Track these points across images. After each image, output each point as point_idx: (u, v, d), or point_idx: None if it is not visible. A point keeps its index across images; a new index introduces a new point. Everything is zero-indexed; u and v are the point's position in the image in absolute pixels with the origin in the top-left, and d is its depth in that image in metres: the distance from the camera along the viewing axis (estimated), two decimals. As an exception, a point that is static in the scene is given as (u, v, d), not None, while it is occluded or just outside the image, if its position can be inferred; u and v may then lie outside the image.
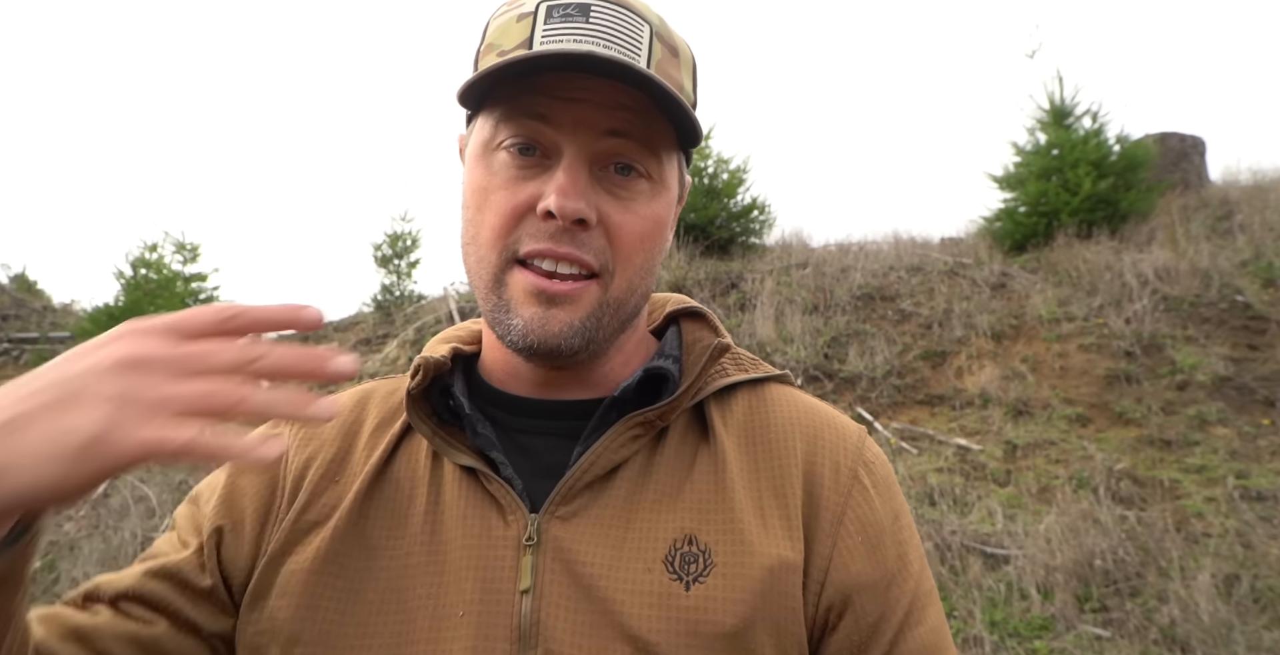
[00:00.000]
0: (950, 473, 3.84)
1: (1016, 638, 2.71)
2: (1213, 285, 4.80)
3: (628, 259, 0.53)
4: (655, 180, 0.53)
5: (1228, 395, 4.00)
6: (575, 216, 0.49)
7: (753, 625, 0.48)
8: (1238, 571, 2.83)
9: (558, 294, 0.51)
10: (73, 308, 8.50)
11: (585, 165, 0.51)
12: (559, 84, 0.50)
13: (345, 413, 0.61)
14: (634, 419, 0.54)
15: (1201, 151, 7.11)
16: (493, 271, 0.52)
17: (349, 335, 7.45)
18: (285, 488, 0.56)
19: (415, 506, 0.54)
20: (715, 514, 0.52)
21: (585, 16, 0.50)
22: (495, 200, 0.52)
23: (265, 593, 0.52)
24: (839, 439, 0.56)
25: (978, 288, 5.47)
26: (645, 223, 0.53)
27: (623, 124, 0.50)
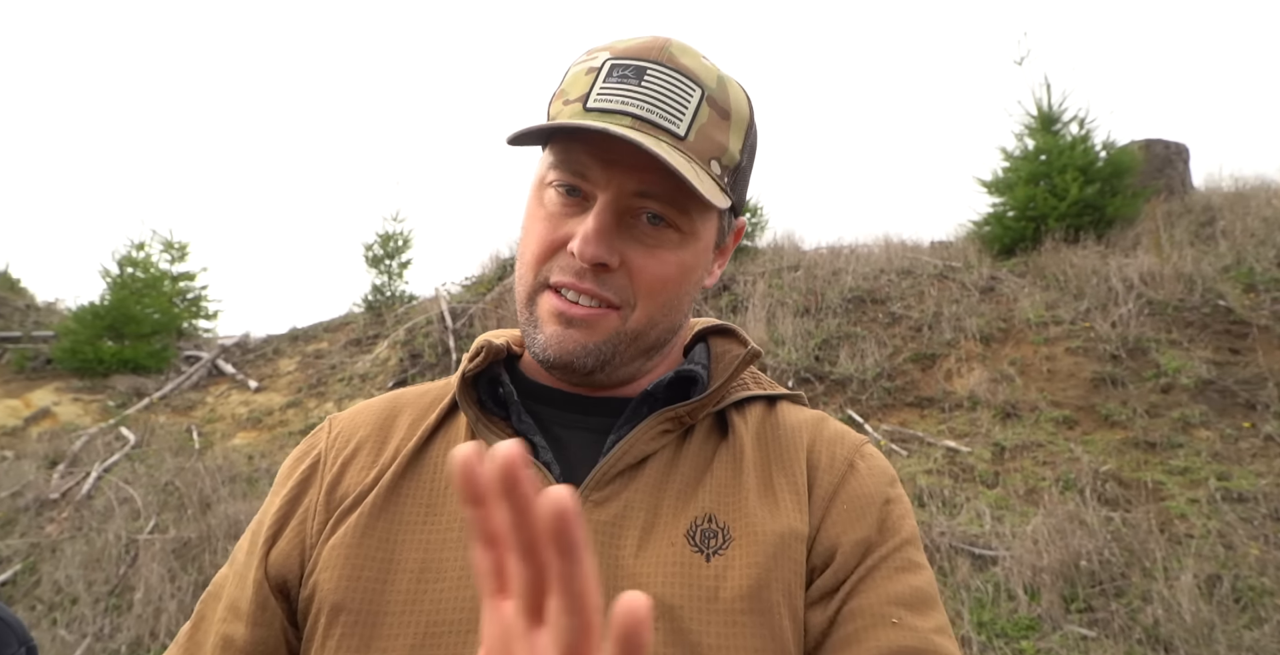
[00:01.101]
0: (939, 474, 3.87)
1: (1004, 638, 2.74)
2: (1196, 290, 4.87)
3: (650, 297, 0.57)
4: (685, 232, 0.57)
5: (1210, 398, 4.06)
6: (594, 261, 0.54)
7: (768, 585, 0.53)
8: (1219, 572, 2.88)
9: (576, 317, 0.56)
10: (57, 306, 8.40)
11: (614, 215, 0.55)
12: (602, 143, 0.54)
13: (378, 411, 0.65)
14: (665, 414, 0.59)
15: (1185, 158, 7.21)
16: (528, 291, 0.59)
17: (339, 336, 7.41)
18: (325, 482, 0.60)
19: (452, 487, 0.57)
20: (732, 497, 0.57)
21: (639, 80, 0.55)
22: (537, 231, 0.58)
23: (312, 572, 0.56)
24: (839, 437, 0.62)
25: (967, 291, 5.52)
26: (668, 267, 0.57)
27: (651, 186, 0.55)
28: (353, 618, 0.53)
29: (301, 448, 0.65)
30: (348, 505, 0.58)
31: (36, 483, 4.82)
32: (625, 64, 0.56)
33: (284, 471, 0.63)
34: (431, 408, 0.64)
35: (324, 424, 0.66)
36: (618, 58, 0.56)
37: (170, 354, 7.14)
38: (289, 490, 0.61)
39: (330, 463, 0.61)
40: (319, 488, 0.60)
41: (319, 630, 0.54)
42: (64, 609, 3.58)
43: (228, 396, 6.49)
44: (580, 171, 0.55)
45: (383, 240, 8.39)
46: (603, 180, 0.55)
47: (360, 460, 0.61)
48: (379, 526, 0.56)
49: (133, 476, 4.88)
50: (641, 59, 0.56)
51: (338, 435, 0.63)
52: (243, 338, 7.78)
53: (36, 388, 6.43)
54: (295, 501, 0.60)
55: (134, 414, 6.05)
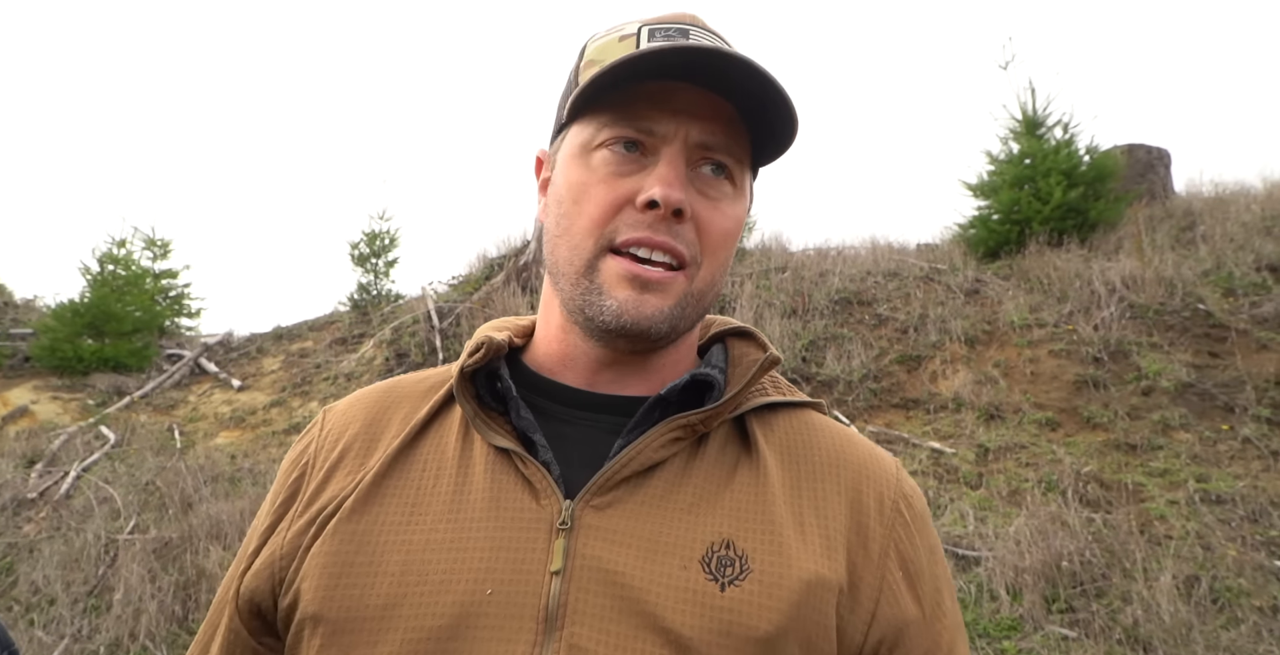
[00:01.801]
0: (924, 475, 3.90)
1: (986, 638, 2.77)
2: (1176, 294, 4.94)
3: (713, 253, 0.56)
4: (738, 186, 0.58)
5: (1190, 401, 4.12)
6: (677, 206, 0.53)
7: (786, 635, 0.49)
8: (1198, 572, 2.92)
9: (651, 280, 0.54)
10: (35, 304, 8.27)
11: (684, 163, 0.55)
12: (660, 94, 0.54)
13: (373, 402, 0.62)
14: (677, 421, 0.55)
15: (1167, 163, 7.31)
16: (586, 258, 0.55)
17: (324, 335, 7.35)
18: (307, 494, 0.58)
19: (440, 485, 0.55)
20: (754, 523, 0.53)
21: (685, 37, 0.55)
22: (595, 193, 0.55)
23: (292, 582, 0.54)
24: (881, 471, 0.58)
25: (952, 293, 5.56)
26: (730, 221, 0.57)
27: (715, 136, 0.55)
28: (330, 628, 0.50)
29: (295, 450, 0.63)
30: (329, 512, 0.56)
31: (14, 482, 4.75)
32: (665, 26, 0.56)
33: (278, 479, 0.62)
34: (426, 398, 0.62)
35: (317, 419, 0.64)
36: (653, 24, 0.56)
37: (152, 352, 7.05)
38: (278, 506, 0.59)
39: (318, 467, 0.59)
40: (303, 498, 0.58)
41: (301, 642, 0.52)
42: (41, 610, 3.52)
43: (210, 395, 6.42)
44: (644, 125, 0.54)
45: (369, 239, 8.33)
46: (669, 129, 0.54)
47: (346, 465, 0.58)
48: (359, 529, 0.54)
49: (113, 476, 4.81)
50: (678, 21, 0.56)
51: (328, 434, 0.61)
52: (226, 336, 7.69)
53: (14, 386, 6.33)
54: (279, 516, 0.59)
55: (114, 413, 5.97)
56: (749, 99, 0.54)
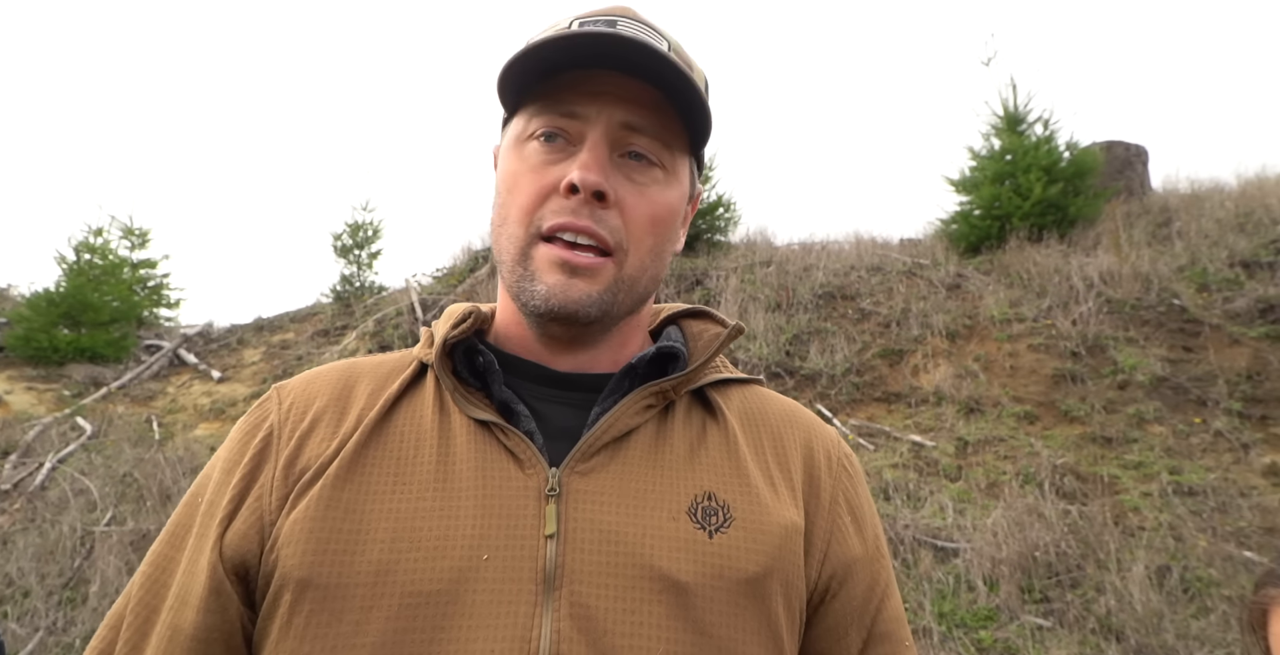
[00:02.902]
0: (905, 468, 3.95)
1: (963, 628, 2.81)
2: (1152, 289, 5.02)
3: (639, 239, 0.57)
4: (669, 171, 0.58)
5: (1164, 395, 4.19)
6: (595, 188, 0.54)
7: (770, 574, 0.54)
8: (1169, 563, 2.98)
9: (579, 265, 0.55)
10: (9, 293, 8.10)
11: (606, 148, 0.56)
12: (584, 80, 0.55)
13: (335, 379, 0.62)
14: (649, 388, 0.58)
15: (1144, 160, 7.41)
16: (520, 246, 0.57)
17: (306, 326, 7.27)
18: (280, 457, 0.56)
19: (421, 456, 0.55)
20: (731, 477, 0.57)
21: (612, 27, 0.56)
22: (524, 182, 0.57)
23: (272, 548, 0.53)
24: (827, 435, 0.65)
25: (934, 288, 5.61)
26: (657, 207, 0.58)
27: (639, 118, 0.56)
28: (321, 593, 0.49)
29: (250, 420, 0.60)
30: (309, 478, 0.54)
31: (-13, 474, 4.66)
32: (594, 18, 0.56)
33: (234, 446, 0.59)
34: (391, 377, 0.61)
35: (270, 394, 0.62)
36: (584, 17, 0.57)
37: (130, 343, 6.94)
38: (244, 466, 0.56)
39: (286, 436, 0.57)
40: (274, 463, 0.56)
41: (282, 607, 0.50)
42: (15, 602, 3.47)
43: (190, 387, 6.34)
44: (567, 110, 0.55)
45: (352, 230, 8.24)
46: (591, 112, 0.55)
47: (320, 432, 0.57)
48: (344, 497, 0.53)
49: (89, 467, 4.74)
50: (605, 14, 0.57)
51: (290, 406, 0.59)
52: (206, 327, 7.59)
53: (-13, 376, 6.21)
54: (250, 478, 0.56)
55: (91, 404, 5.88)
56: (671, 84, 0.55)
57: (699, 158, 0.63)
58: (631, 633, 0.49)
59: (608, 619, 0.49)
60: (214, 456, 0.60)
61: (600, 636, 0.49)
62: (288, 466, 0.56)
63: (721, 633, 0.51)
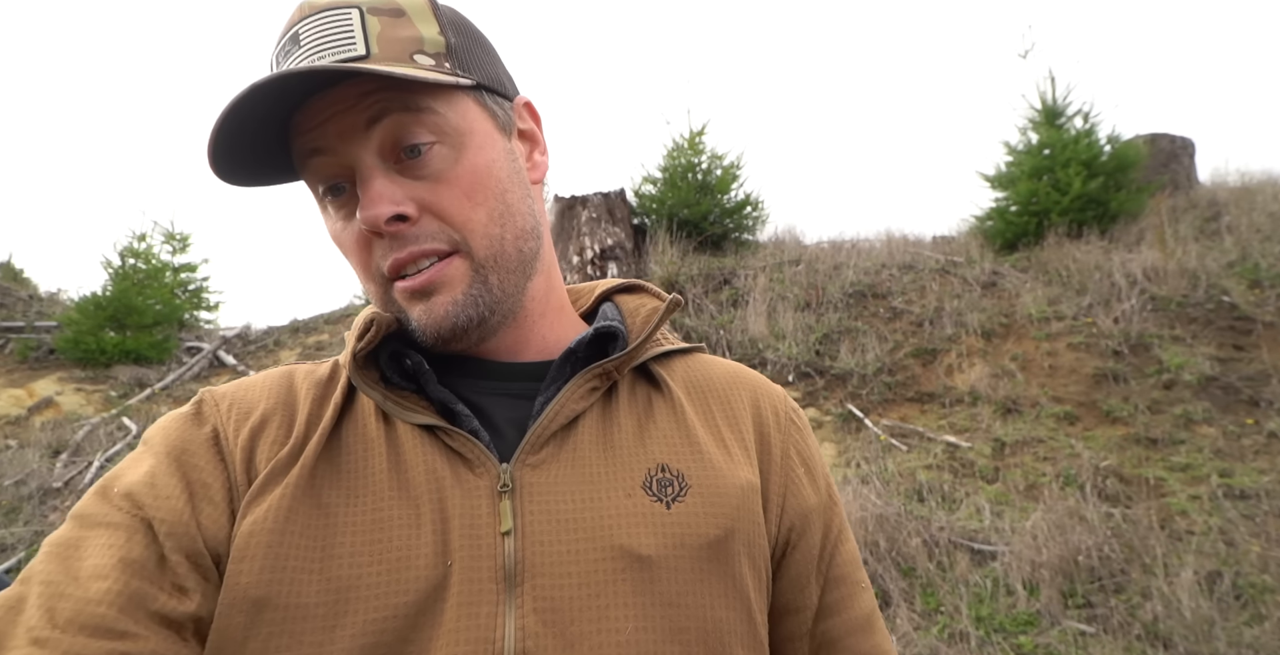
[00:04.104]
0: (939, 470, 3.86)
1: (1002, 633, 2.74)
2: (1200, 286, 4.84)
3: (466, 221, 0.53)
4: (449, 135, 0.53)
5: (1213, 395, 4.04)
6: (384, 219, 0.51)
7: (731, 535, 0.54)
8: (1220, 568, 2.87)
9: (424, 284, 0.53)
10: (59, 297, 8.41)
11: (378, 169, 0.52)
12: (309, 115, 0.52)
13: (273, 385, 0.58)
14: (592, 371, 0.57)
15: (1191, 153, 7.17)
16: (380, 297, 0.56)
17: (339, 327, 7.41)
18: (235, 456, 0.53)
19: (372, 466, 0.53)
20: (682, 446, 0.57)
21: (297, 44, 0.52)
22: (344, 242, 0.56)
23: (227, 555, 0.49)
24: (773, 392, 0.66)
25: (969, 286, 5.50)
26: (461, 182, 0.53)
27: (376, 108, 0.51)
28: (280, 614, 0.46)
29: (185, 416, 0.55)
30: (261, 483, 0.51)
31: (40, 472, 4.84)
32: (282, 43, 0.53)
33: (174, 436, 0.53)
34: (329, 386, 0.58)
35: (203, 398, 0.57)
36: (275, 46, 0.54)
37: (172, 345, 7.15)
38: (194, 454, 0.52)
39: (233, 436, 0.53)
40: (232, 463, 0.52)
41: (233, 629, 0.46)
42: (65, 598, 3.60)
43: (229, 388, 6.50)
44: (313, 148, 0.52)
45: (384, 232, 8.36)
46: (332, 137, 0.51)
47: (270, 433, 0.54)
48: (301, 511, 0.50)
49: None
50: (289, 27, 0.53)
51: (230, 407, 0.55)
52: (244, 329, 7.78)
53: (39, 377, 6.44)
54: (207, 467, 0.51)
55: (136, 404, 6.06)
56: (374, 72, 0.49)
57: (479, 77, 0.56)
58: (599, 617, 0.48)
59: (573, 607, 0.48)
60: (142, 455, 0.53)
61: (567, 626, 0.48)
62: (245, 469, 0.52)
63: (689, 601, 0.50)
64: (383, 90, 0.51)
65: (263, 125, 0.51)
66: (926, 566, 3.11)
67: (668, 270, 6.09)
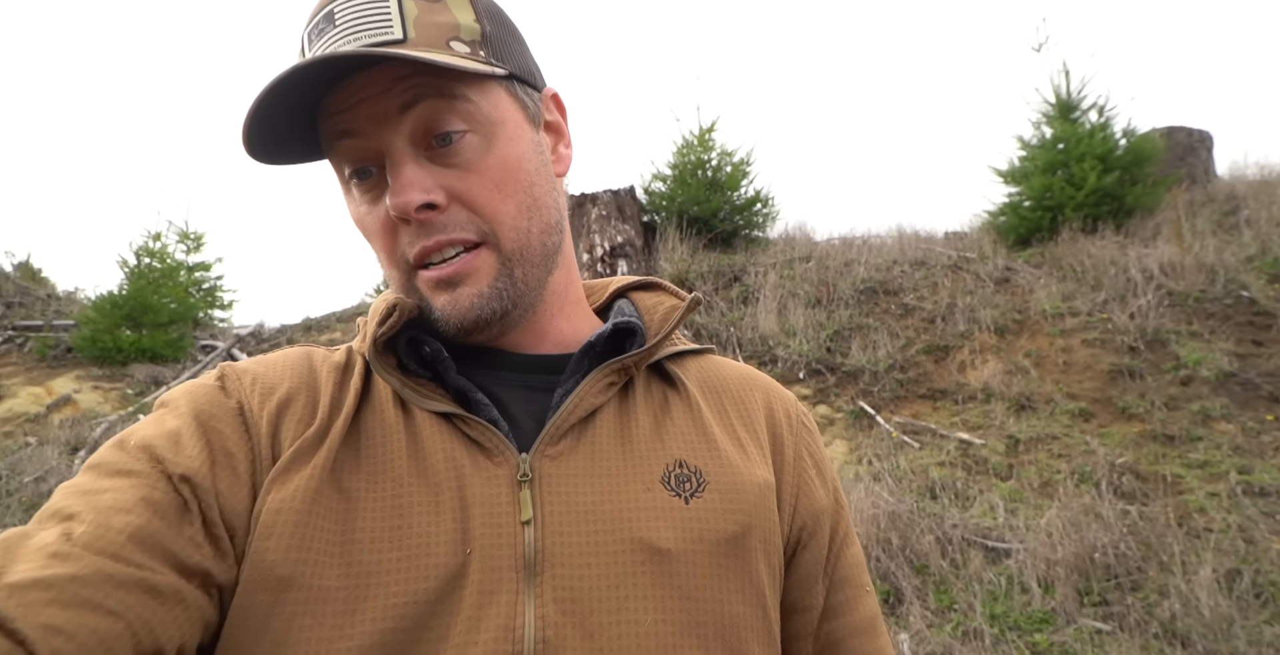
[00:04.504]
0: (952, 467, 3.84)
1: (1017, 631, 2.72)
2: (1218, 280, 4.78)
3: (496, 211, 0.53)
4: (481, 125, 0.53)
5: (1232, 391, 3.99)
6: (415, 207, 0.51)
7: (749, 531, 0.54)
8: (1239, 566, 2.83)
9: (451, 275, 0.53)
10: (76, 296, 8.51)
11: (408, 155, 0.51)
12: (342, 96, 0.51)
13: (294, 364, 0.58)
14: (611, 366, 0.57)
15: (1209, 146, 7.07)
16: (403, 284, 0.56)
17: (351, 326, 7.45)
18: (260, 429, 0.52)
19: (392, 452, 0.53)
20: (699, 443, 0.57)
21: (332, 23, 0.51)
22: (368, 227, 0.55)
23: (254, 530, 0.48)
24: (784, 395, 0.67)
25: (981, 282, 5.45)
26: (492, 173, 0.53)
27: (410, 94, 0.50)
28: (303, 594, 0.46)
29: (209, 385, 0.53)
30: (288, 461, 0.50)
31: (59, 468, 4.90)
32: (316, 21, 0.52)
33: (199, 401, 0.52)
34: (346, 372, 0.58)
35: (225, 372, 0.55)
36: (308, 22, 0.53)
37: (187, 343, 7.22)
38: (219, 421, 0.51)
39: (258, 409, 0.52)
40: (257, 436, 0.51)
41: (256, 606, 0.46)
42: (83, 593, 3.64)
43: (243, 385, 6.56)
44: (343, 130, 0.51)
45: (395, 231, 8.41)
46: (366, 122, 0.51)
47: (295, 412, 0.53)
48: (326, 493, 0.50)
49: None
50: (324, 5, 0.52)
51: (254, 382, 0.54)
52: (257, 327, 7.85)
53: (58, 376, 6.53)
54: (232, 436, 0.50)
55: (152, 402, 6.13)
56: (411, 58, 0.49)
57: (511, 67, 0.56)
58: (618, 608, 0.48)
59: (593, 597, 0.48)
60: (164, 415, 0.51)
61: (587, 616, 0.48)
62: (270, 444, 0.51)
63: (707, 595, 0.50)
64: (418, 75, 0.50)
65: (295, 105, 0.51)
66: (940, 564, 3.09)
67: (678, 267, 6.08)
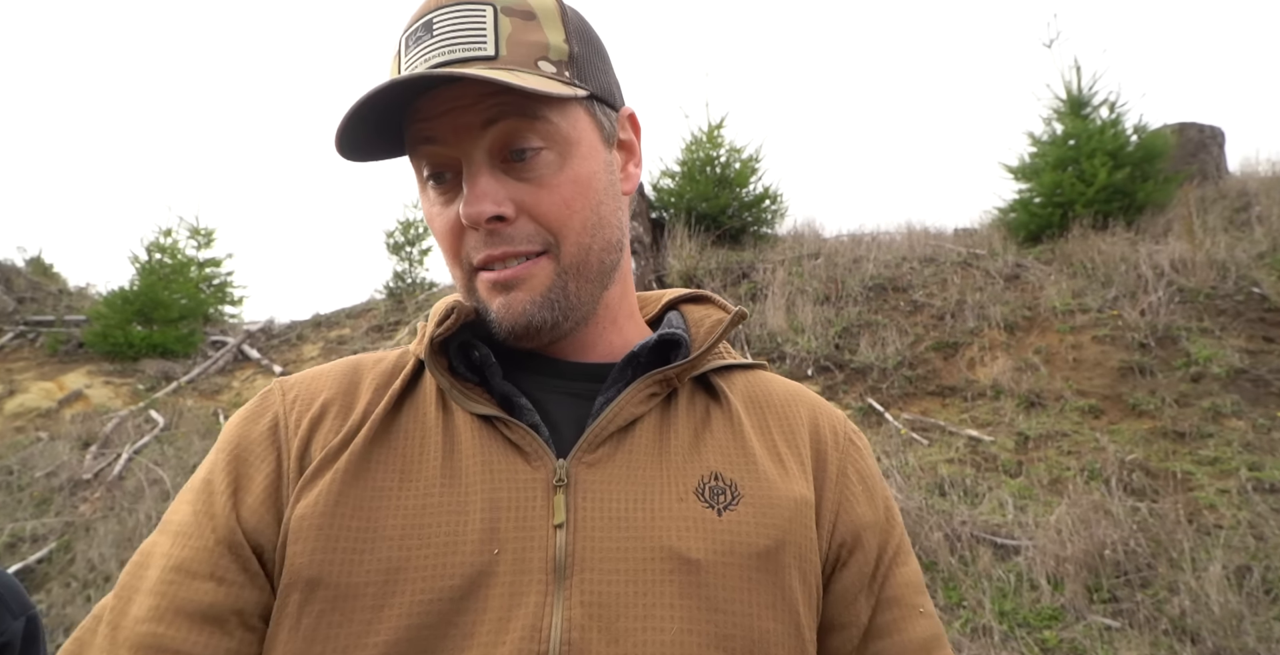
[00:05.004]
0: (961, 464, 3.83)
1: (1026, 628, 2.72)
2: (1229, 277, 4.75)
3: (563, 226, 0.55)
4: (558, 143, 0.55)
5: (1243, 387, 3.97)
6: (484, 216, 0.53)
7: (783, 546, 0.54)
8: (1249, 563, 2.82)
9: (508, 279, 0.55)
10: (88, 291, 8.57)
11: (485, 167, 0.54)
12: (431, 104, 0.53)
13: (339, 375, 0.61)
14: (653, 377, 0.58)
15: (1220, 142, 7.01)
16: (464, 284, 0.58)
17: (361, 322, 7.48)
18: (291, 445, 0.56)
19: (427, 453, 0.55)
20: (736, 456, 0.57)
21: (429, 32, 0.53)
22: (438, 227, 0.57)
23: (283, 544, 0.52)
24: (832, 412, 0.66)
25: (991, 279, 5.43)
26: (562, 190, 0.55)
27: (494, 110, 0.52)
28: (331, 592, 0.49)
29: (251, 409, 0.59)
30: (315, 469, 0.54)
31: (70, 463, 4.95)
32: (414, 28, 0.54)
33: (236, 432, 0.57)
34: (393, 375, 0.61)
35: (272, 388, 0.61)
36: (405, 29, 0.55)
37: (197, 339, 7.27)
38: (240, 448, 0.55)
39: (293, 426, 0.56)
40: (287, 452, 0.55)
41: (291, 607, 0.49)
42: (97, 587, 3.68)
43: (253, 381, 6.59)
44: (426, 137, 0.54)
45: (404, 227, 8.45)
46: (448, 131, 0.53)
47: (327, 423, 0.57)
48: (352, 494, 0.52)
49: (162, 458, 4.99)
50: (423, 14, 0.54)
51: (295, 398, 0.59)
52: (267, 323, 7.89)
53: (69, 371, 6.58)
54: (252, 460, 0.55)
55: (162, 397, 6.17)
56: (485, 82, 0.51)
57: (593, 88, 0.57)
58: (644, 615, 0.49)
59: (620, 603, 0.49)
60: (212, 452, 0.58)
61: (613, 621, 0.48)
62: (300, 457, 0.55)
63: (735, 609, 0.50)
64: (503, 94, 0.52)
65: (384, 108, 0.53)
66: (949, 561, 3.09)
67: (686, 264, 6.08)
